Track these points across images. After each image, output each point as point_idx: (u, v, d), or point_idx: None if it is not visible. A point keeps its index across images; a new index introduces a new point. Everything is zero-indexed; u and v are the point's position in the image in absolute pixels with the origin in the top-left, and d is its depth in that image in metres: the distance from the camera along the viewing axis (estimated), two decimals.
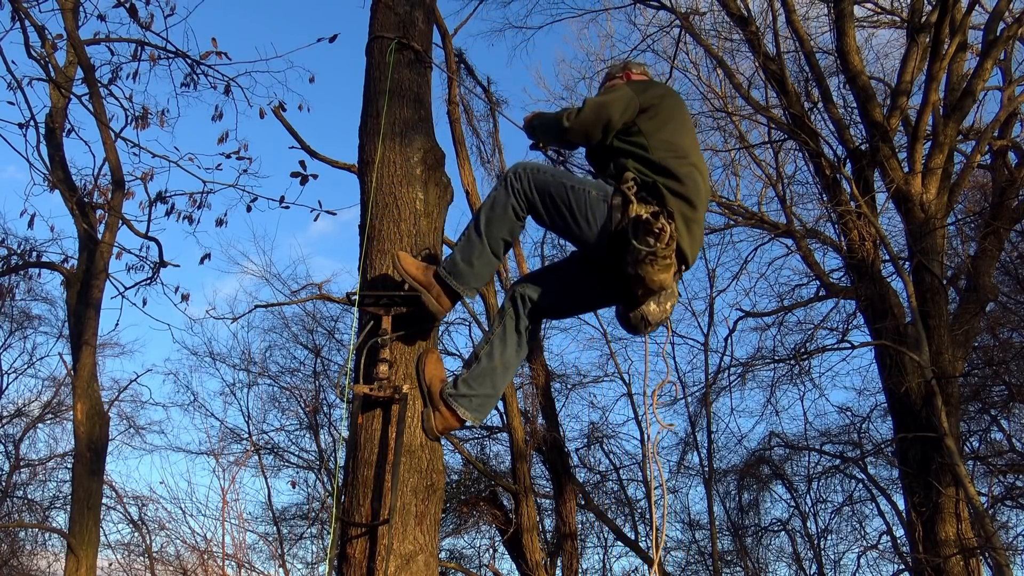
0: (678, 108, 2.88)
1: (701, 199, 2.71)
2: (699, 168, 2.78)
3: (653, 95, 2.87)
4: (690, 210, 2.67)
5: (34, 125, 7.05)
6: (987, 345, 9.91)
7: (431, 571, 2.79)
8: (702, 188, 2.74)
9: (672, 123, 2.82)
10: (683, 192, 2.67)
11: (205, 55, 7.00)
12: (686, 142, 2.80)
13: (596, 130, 2.85)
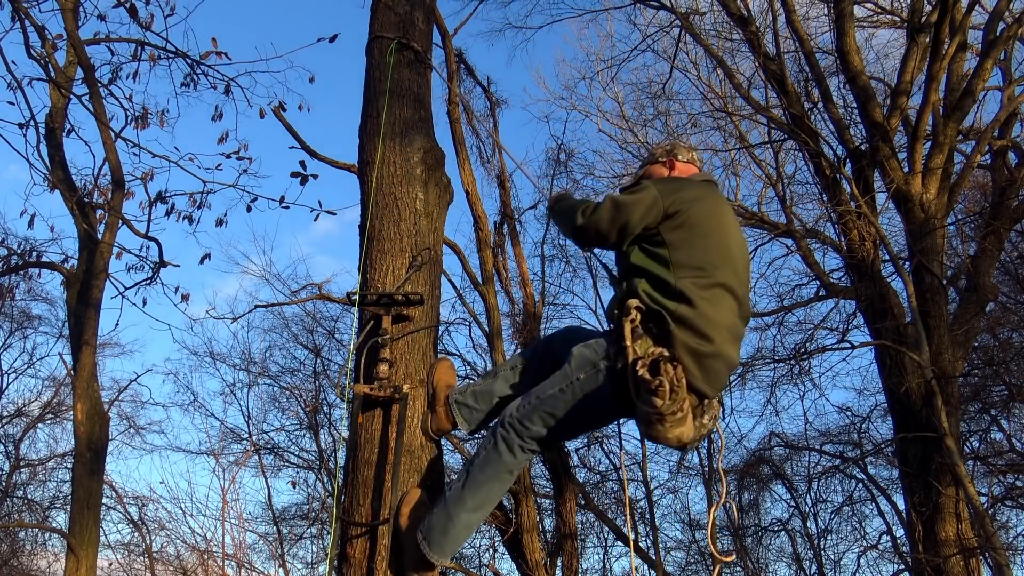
0: (712, 213, 2.49)
1: (719, 325, 2.34)
2: (728, 285, 2.41)
3: (683, 198, 2.48)
4: (701, 342, 2.31)
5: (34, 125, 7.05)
6: (987, 345, 9.91)
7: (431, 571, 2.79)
8: (724, 311, 2.38)
9: (700, 232, 2.45)
10: (694, 322, 2.32)
11: (205, 55, 7.01)
12: (715, 256, 2.42)
13: (611, 233, 2.52)
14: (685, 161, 2.86)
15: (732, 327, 2.40)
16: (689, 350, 2.30)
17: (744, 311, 2.48)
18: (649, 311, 2.35)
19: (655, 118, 12.24)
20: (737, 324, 2.44)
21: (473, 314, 10.72)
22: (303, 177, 5.94)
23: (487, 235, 9.66)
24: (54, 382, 15.68)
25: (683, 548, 13.42)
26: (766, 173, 11.50)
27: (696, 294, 2.34)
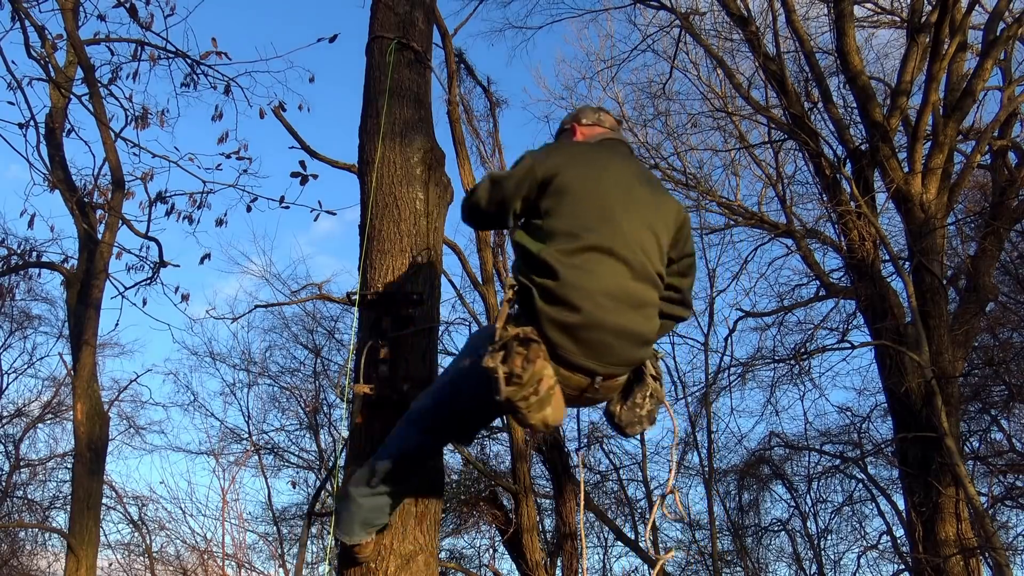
0: (590, 174, 2.24)
1: (594, 292, 2.06)
2: (605, 247, 2.11)
3: (558, 163, 2.25)
4: (567, 313, 2.04)
5: (34, 125, 7.06)
6: (987, 345, 9.91)
7: (431, 571, 2.79)
8: (602, 277, 2.08)
9: (573, 196, 2.19)
10: (557, 292, 2.05)
11: (205, 55, 7.02)
12: (589, 218, 2.15)
13: (490, 210, 2.36)
14: (589, 124, 2.68)
15: (619, 292, 2.10)
16: (556, 324, 2.05)
17: (646, 272, 2.16)
18: (522, 289, 2.13)
19: (655, 118, 12.26)
20: (631, 288, 2.12)
21: (473, 314, 10.72)
22: (303, 177, 5.94)
23: (487, 235, 9.66)
24: (54, 382, 15.70)
25: (683, 548, 13.43)
26: (766, 173, 11.51)
27: (561, 262, 2.08)
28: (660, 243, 2.23)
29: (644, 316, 2.16)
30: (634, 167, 2.39)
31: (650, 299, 2.19)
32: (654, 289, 2.20)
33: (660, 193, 2.36)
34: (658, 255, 2.22)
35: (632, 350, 2.14)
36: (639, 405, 2.23)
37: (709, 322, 12.02)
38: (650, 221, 2.22)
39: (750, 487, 12.89)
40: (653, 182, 2.39)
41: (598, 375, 2.10)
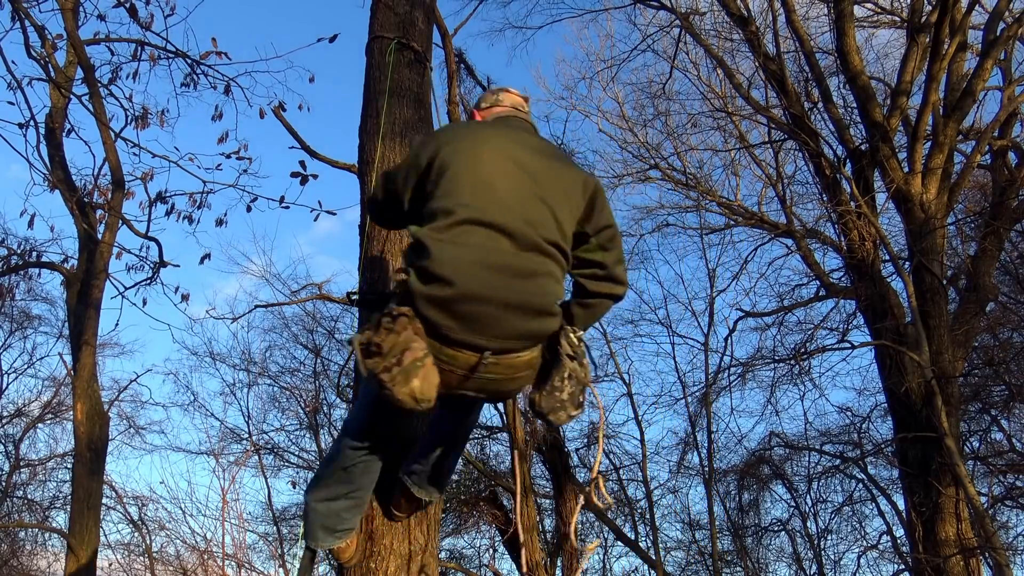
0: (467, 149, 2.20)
1: (469, 263, 2.00)
2: (480, 219, 2.05)
3: (439, 144, 2.24)
4: (439, 288, 1.98)
5: (34, 125, 7.06)
6: (987, 345, 9.91)
7: (431, 571, 2.79)
8: (477, 248, 2.02)
9: (451, 174, 2.15)
10: (429, 268, 2.00)
11: (205, 55, 7.02)
12: (464, 192, 2.11)
13: (386, 204, 2.36)
14: (487, 106, 2.61)
15: (498, 263, 2.02)
16: (430, 300, 1.99)
17: (533, 242, 2.07)
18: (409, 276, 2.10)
19: (655, 118, 12.25)
20: (513, 258, 2.04)
21: None
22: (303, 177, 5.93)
23: None
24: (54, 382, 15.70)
25: (683, 548, 13.43)
26: (766, 173, 11.51)
27: (433, 239, 2.03)
28: (556, 214, 2.15)
29: (535, 285, 2.05)
30: (528, 140, 2.33)
31: (541, 269, 2.09)
32: (547, 259, 2.11)
33: (560, 165, 2.27)
34: (553, 226, 2.13)
35: (523, 321, 2.03)
36: (558, 389, 2.12)
37: (709, 322, 12.03)
38: (542, 192, 2.15)
39: (750, 487, 12.89)
40: (553, 155, 2.32)
41: (486, 350, 2.02)
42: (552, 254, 2.12)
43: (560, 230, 2.15)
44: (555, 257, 2.13)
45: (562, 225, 2.16)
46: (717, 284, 12.21)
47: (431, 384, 1.98)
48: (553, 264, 2.12)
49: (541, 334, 2.10)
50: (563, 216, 2.17)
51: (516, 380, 2.17)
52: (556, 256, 2.13)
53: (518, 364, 2.11)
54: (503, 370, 2.09)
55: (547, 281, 2.09)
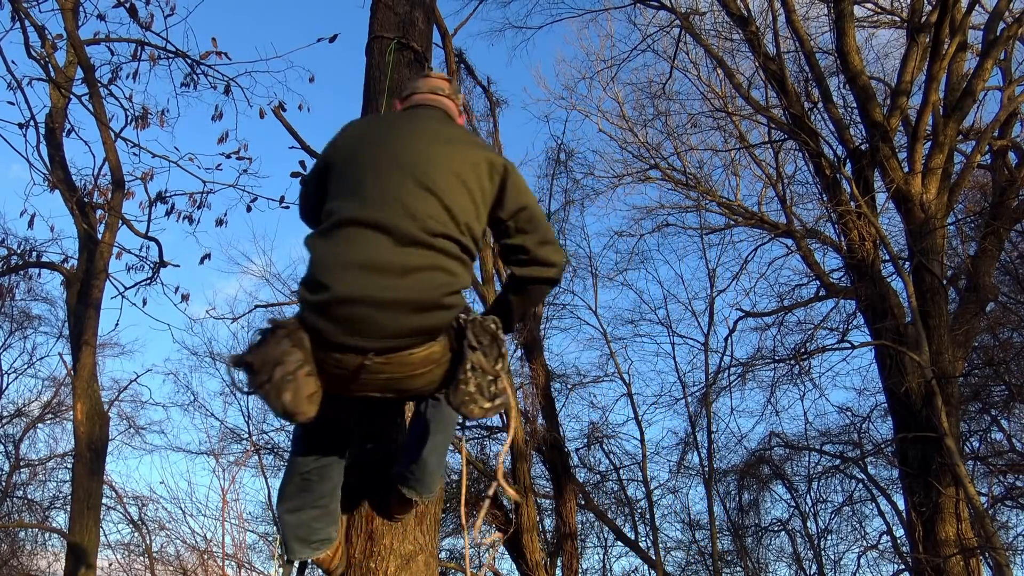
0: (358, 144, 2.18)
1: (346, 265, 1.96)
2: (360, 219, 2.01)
3: (335, 144, 2.24)
4: (315, 294, 1.96)
5: (34, 125, 7.05)
6: (987, 345, 9.91)
7: (431, 571, 2.79)
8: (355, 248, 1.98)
9: (340, 173, 2.14)
10: (310, 276, 1.99)
11: (205, 55, 7.01)
12: (346, 191, 2.09)
13: (310, 211, 2.33)
14: (405, 96, 2.54)
15: (374, 262, 1.97)
16: (311, 307, 1.96)
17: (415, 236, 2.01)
18: None
19: (655, 118, 12.25)
20: (392, 255, 1.98)
21: None
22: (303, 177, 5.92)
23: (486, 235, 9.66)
24: (54, 382, 15.70)
25: (683, 548, 13.43)
26: (766, 173, 11.51)
27: (316, 245, 2.02)
28: (448, 204, 2.07)
29: (415, 281, 1.97)
30: (423, 129, 2.24)
31: (425, 263, 2.00)
32: (434, 251, 2.02)
33: (457, 151, 2.17)
34: (444, 217, 2.05)
35: (404, 318, 1.96)
36: (464, 381, 2.05)
37: (709, 322, 12.05)
38: (429, 183, 2.07)
39: (750, 487, 12.89)
40: (451, 140, 2.21)
41: (368, 351, 1.97)
42: (440, 246, 2.03)
43: (454, 220, 2.07)
44: (444, 249, 2.04)
45: (456, 215, 2.07)
46: (717, 284, 12.24)
47: (301, 397, 1.97)
48: (442, 256, 2.03)
49: (429, 329, 2.01)
50: (459, 204, 2.09)
51: (421, 376, 2.09)
52: (446, 247, 2.04)
53: (414, 361, 2.03)
54: (397, 368, 2.03)
55: (433, 275, 2.01)
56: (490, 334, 2.07)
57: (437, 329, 2.02)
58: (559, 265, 2.27)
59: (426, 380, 2.11)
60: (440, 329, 2.02)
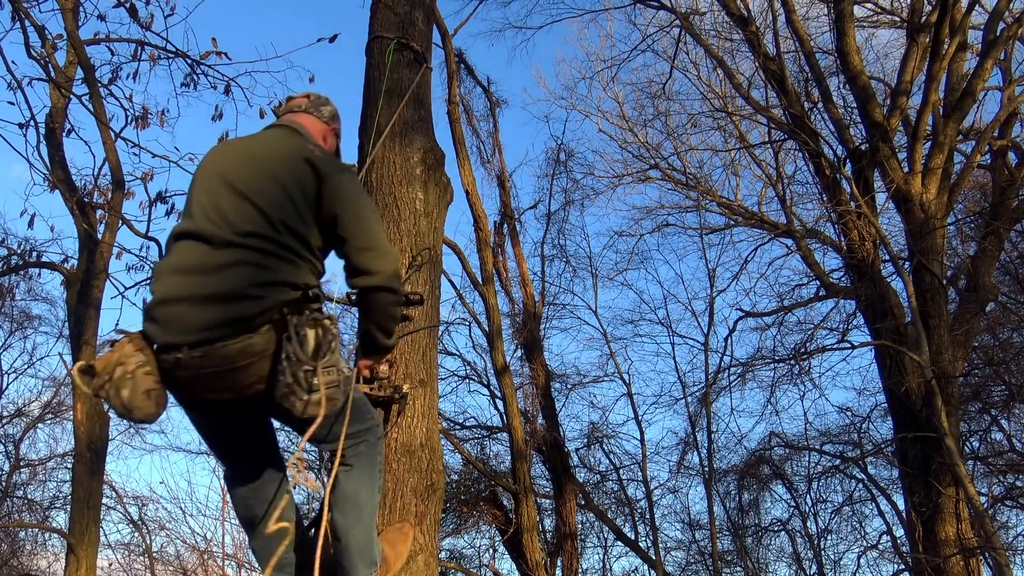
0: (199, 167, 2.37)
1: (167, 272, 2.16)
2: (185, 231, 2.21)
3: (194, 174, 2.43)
4: (150, 299, 2.17)
5: (34, 125, 7.06)
6: (987, 345, 9.91)
7: (431, 571, 2.79)
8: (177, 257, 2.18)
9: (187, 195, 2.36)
10: (151, 287, 2.23)
11: (205, 55, 7.02)
12: (184, 209, 2.32)
13: None
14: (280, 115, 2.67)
15: (190, 265, 2.14)
16: (144, 314, 2.16)
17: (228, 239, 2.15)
18: None
19: (655, 118, 12.26)
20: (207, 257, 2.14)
21: (473, 314, 10.72)
22: None
23: (487, 235, 9.67)
24: (54, 382, 15.68)
25: (683, 548, 13.43)
26: (766, 173, 11.51)
27: (157, 263, 2.27)
28: (261, 206, 2.18)
29: (222, 276, 2.11)
30: (256, 141, 2.37)
31: (234, 259, 2.13)
32: (243, 249, 2.14)
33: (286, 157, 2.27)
34: (258, 219, 2.17)
35: (211, 311, 2.08)
36: (282, 372, 2.10)
37: (709, 322, 12.04)
38: (245, 190, 2.20)
39: (750, 487, 12.89)
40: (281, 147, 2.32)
41: (182, 346, 2.08)
42: (250, 244, 2.14)
43: (267, 219, 2.17)
44: (254, 246, 2.14)
45: (269, 214, 2.17)
46: (717, 284, 12.23)
47: (138, 392, 2.09)
48: (250, 252, 2.14)
49: (235, 319, 2.08)
50: (275, 204, 2.18)
51: (244, 370, 2.13)
52: (255, 244, 2.15)
53: (230, 353, 2.09)
54: (215, 362, 2.09)
55: (241, 269, 2.12)
56: (321, 327, 2.12)
57: (245, 319, 2.08)
58: (382, 272, 2.27)
59: (252, 375, 2.14)
60: (249, 319, 2.08)
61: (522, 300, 11.02)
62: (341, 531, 2.35)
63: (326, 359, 2.10)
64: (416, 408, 2.93)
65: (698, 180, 11.89)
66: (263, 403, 2.21)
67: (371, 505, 2.41)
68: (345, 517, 2.35)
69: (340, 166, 2.33)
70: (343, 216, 2.24)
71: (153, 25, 7.03)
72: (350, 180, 2.32)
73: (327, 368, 2.09)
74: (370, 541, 2.39)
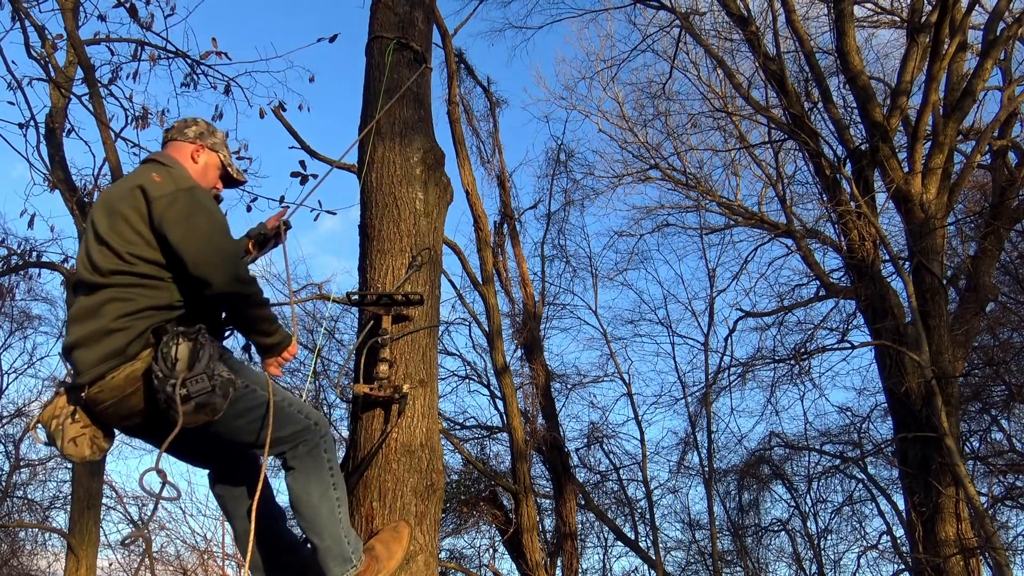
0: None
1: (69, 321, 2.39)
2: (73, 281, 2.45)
3: None
4: None
5: (34, 125, 7.06)
6: (987, 345, 9.91)
7: (431, 571, 2.79)
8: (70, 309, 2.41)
9: None
10: None
11: (205, 55, 7.03)
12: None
13: None
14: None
15: (75, 314, 2.34)
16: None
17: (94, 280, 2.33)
18: None
19: (655, 118, 12.26)
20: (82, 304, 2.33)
21: (473, 314, 10.72)
22: (303, 177, 5.96)
23: (487, 235, 9.67)
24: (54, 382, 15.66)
25: (683, 548, 13.43)
26: (766, 173, 11.51)
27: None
28: (115, 246, 2.30)
29: (95, 317, 2.28)
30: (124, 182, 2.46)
31: (102, 299, 2.30)
32: (109, 288, 2.30)
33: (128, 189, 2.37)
34: (112, 256, 2.31)
35: (92, 350, 2.27)
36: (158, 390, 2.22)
37: (709, 322, 12.04)
38: (103, 230, 2.34)
39: (750, 487, 12.89)
40: (127, 181, 2.43)
41: (83, 385, 2.28)
42: (115, 282, 2.30)
43: (119, 256, 2.30)
44: (118, 283, 2.30)
45: (119, 250, 2.30)
46: (717, 284, 12.24)
47: (66, 440, 2.33)
48: (114, 289, 2.30)
49: (112, 353, 2.25)
50: (122, 240, 2.31)
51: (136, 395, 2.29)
52: (119, 281, 2.30)
53: (118, 383, 2.27)
54: (111, 393, 2.28)
55: (109, 306, 2.28)
56: (192, 340, 2.25)
57: (119, 350, 2.26)
58: (214, 281, 2.32)
59: (145, 397, 2.30)
60: (122, 349, 2.26)
61: (522, 300, 11.03)
62: (306, 532, 2.50)
63: (196, 369, 2.20)
64: (416, 408, 2.93)
65: (698, 180, 11.89)
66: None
67: (327, 504, 2.49)
68: (303, 519, 2.48)
69: (173, 188, 2.36)
70: (172, 236, 2.30)
71: (153, 25, 7.05)
72: (184, 198, 2.35)
73: (195, 377, 2.19)
74: (337, 539, 2.49)
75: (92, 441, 2.35)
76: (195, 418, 2.21)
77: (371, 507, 2.78)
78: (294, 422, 2.46)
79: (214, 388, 2.21)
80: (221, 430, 2.39)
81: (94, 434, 2.36)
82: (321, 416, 2.56)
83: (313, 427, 2.49)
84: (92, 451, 2.36)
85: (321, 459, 2.49)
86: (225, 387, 2.25)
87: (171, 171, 2.44)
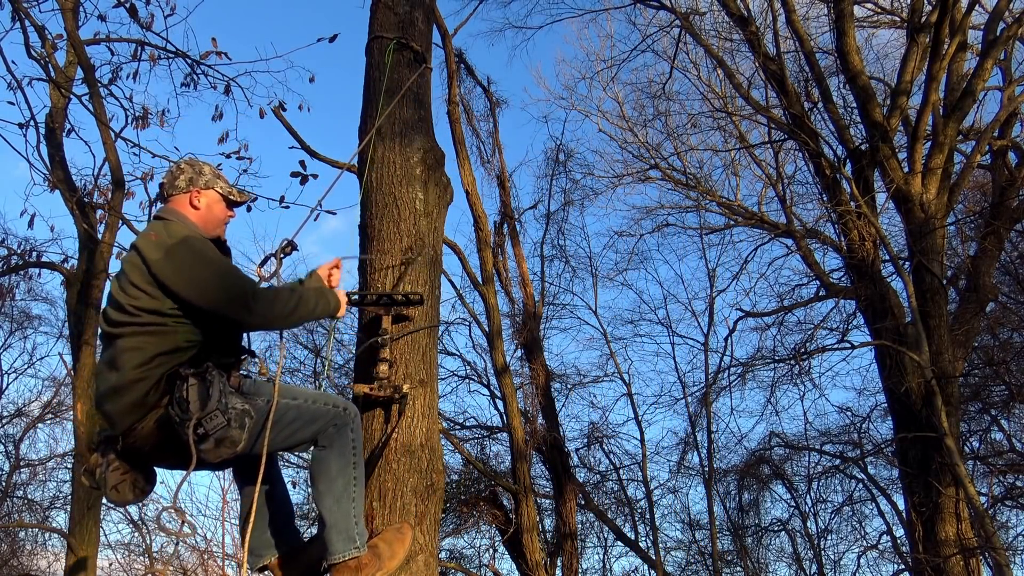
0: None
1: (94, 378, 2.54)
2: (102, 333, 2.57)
3: None
4: None
5: (34, 125, 7.06)
6: (987, 345, 9.91)
7: (431, 571, 2.80)
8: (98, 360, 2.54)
9: None
10: None
11: (205, 55, 7.02)
12: None
13: None
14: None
15: (98, 369, 2.49)
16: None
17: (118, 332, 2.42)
18: None
19: (655, 118, 12.26)
20: (106, 357, 2.44)
21: (473, 314, 10.72)
22: (303, 177, 5.95)
23: (487, 235, 9.67)
24: (54, 382, 15.67)
25: (683, 548, 13.43)
26: (766, 173, 11.51)
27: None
28: (119, 302, 2.41)
29: (116, 371, 2.38)
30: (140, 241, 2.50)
31: (121, 348, 2.39)
32: (122, 338, 2.39)
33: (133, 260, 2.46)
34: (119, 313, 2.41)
35: (118, 401, 2.37)
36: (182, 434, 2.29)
37: (709, 322, 12.05)
38: (115, 291, 2.47)
39: (750, 487, 12.89)
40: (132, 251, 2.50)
41: (116, 437, 2.42)
42: (123, 332, 2.39)
43: (125, 312, 2.39)
44: (126, 333, 2.39)
45: (125, 306, 2.39)
46: (717, 284, 12.24)
47: (108, 488, 2.46)
48: (126, 339, 2.39)
49: (135, 402, 2.36)
50: (128, 298, 2.40)
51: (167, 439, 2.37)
52: (126, 331, 2.39)
53: (147, 432, 2.39)
54: (143, 441, 2.41)
55: (129, 356, 2.36)
56: (201, 378, 2.32)
57: (140, 401, 2.36)
58: (246, 322, 2.49)
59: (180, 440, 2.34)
60: (143, 400, 2.36)
61: (522, 300, 11.03)
62: (318, 504, 2.61)
63: (208, 407, 2.28)
64: (416, 408, 2.93)
65: (698, 180, 11.89)
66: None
67: (344, 479, 2.60)
68: (317, 490, 2.61)
69: (166, 243, 2.43)
70: (180, 291, 2.38)
71: (153, 25, 7.05)
72: (178, 250, 2.42)
73: (209, 415, 2.26)
74: (347, 515, 2.58)
75: (133, 486, 2.49)
76: (217, 453, 2.29)
77: (371, 507, 2.78)
78: (323, 414, 2.58)
79: (229, 422, 2.28)
80: (277, 446, 2.53)
81: (134, 479, 2.49)
82: (349, 403, 2.68)
83: (342, 412, 2.60)
84: (135, 495, 2.50)
85: (347, 437, 2.61)
86: (241, 418, 2.32)
87: (168, 225, 2.51)
